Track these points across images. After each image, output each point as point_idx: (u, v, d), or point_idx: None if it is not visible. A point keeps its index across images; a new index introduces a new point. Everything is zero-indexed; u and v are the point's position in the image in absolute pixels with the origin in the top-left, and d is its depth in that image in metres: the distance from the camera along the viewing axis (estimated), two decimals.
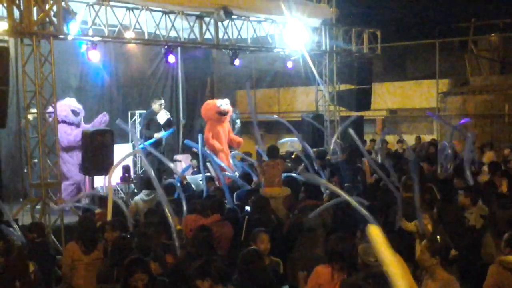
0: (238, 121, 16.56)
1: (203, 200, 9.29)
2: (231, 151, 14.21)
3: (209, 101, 15.28)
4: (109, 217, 7.95)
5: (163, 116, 14.68)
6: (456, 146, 14.19)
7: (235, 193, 10.31)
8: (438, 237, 5.68)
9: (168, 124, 14.96)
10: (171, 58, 12.88)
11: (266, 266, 6.13)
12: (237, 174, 12.10)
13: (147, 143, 13.32)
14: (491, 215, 7.82)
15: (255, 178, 11.25)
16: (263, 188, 10.46)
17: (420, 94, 20.48)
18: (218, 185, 11.06)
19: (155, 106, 14.89)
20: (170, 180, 10.67)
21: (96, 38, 11.52)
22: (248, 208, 9.12)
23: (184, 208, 9.02)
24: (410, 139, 18.51)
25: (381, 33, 17.55)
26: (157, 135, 14.43)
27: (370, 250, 4.85)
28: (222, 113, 14.45)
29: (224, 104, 14.50)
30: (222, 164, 12.34)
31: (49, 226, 10.02)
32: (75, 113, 13.27)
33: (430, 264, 5.41)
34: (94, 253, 7.12)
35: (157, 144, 14.41)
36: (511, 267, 5.53)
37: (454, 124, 14.12)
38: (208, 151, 12.40)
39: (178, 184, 9.84)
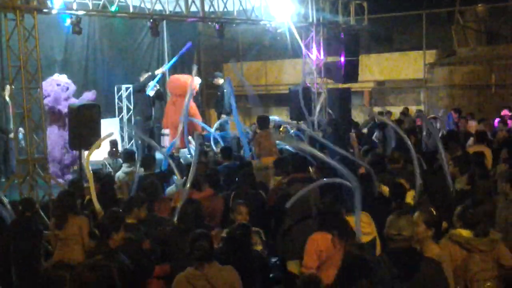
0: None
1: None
2: None
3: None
4: (92, 193, 7.85)
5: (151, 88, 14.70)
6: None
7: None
8: (431, 208, 5.63)
9: (158, 96, 15.01)
10: (157, 32, 12.78)
11: (250, 241, 6.20)
12: None
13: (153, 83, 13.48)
14: (472, 185, 7.87)
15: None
16: (260, 158, 10.47)
17: (407, 65, 20.47)
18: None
19: (143, 79, 14.85)
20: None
21: (81, 12, 11.38)
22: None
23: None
24: (398, 111, 18.57)
25: (368, 5, 17.47)
26: (158, 71, 14.53)
27: (394, 223, 4.80)
28: None
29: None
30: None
31: (37, 201, 10.00)
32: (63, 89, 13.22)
33: (425, 236, 5.28)
34: (67, 229, 7.12)
35: (146, 118, 14.40)
36: (460, 241, 5.40)
37: (441, 95, 14.13)
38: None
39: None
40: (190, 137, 13.74)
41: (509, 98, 18.11)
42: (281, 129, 14.50)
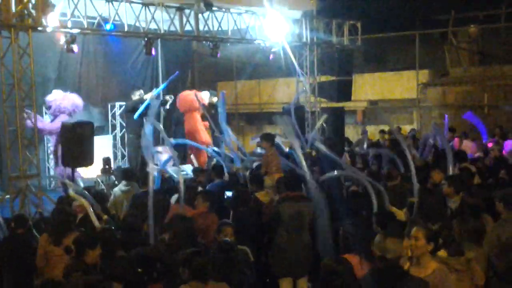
0: None
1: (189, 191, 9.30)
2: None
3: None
4: (89, 210, 7.87)
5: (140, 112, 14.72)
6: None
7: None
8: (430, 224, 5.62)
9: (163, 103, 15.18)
10: (152, 51, 12.81)
11: (236, 257, 6.22)
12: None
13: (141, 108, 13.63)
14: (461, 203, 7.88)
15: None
16: (268, 175, 10.46)
17: (401, 85, 20.57)
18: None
19: (135, 97, 14.85)
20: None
21: (75, 30, 11.42)
22: None
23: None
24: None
25: (362, 25, 17.58)
26: (147, 96, 14.57)
27: (380, 243, 4.87)
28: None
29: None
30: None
31: (29, 218, 9.95)
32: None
33: (424, 251, 5.25)
34: (64, 245, 7.08)
35: (138, 136, 14.36)
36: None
37: (434, 115, 14.19)
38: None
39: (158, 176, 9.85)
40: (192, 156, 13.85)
41: (501, 119, 18.20)
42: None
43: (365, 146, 14.43)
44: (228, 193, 9.60)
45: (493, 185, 9.61)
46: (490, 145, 14.11)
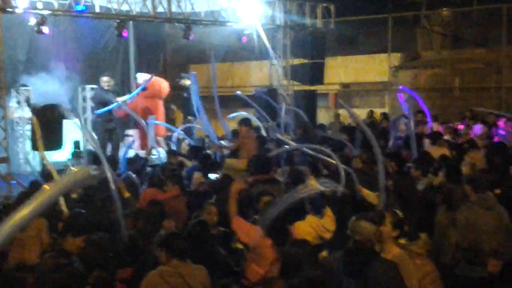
0: None
1: (161, 174, 9.29)
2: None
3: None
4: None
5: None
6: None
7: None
8: (396, 210, 5.69)
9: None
10: (123, 33, 12.68)
11: (211, 236, 6.31)
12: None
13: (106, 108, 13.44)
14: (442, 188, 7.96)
15: None
16: (240, 159, 10.42)
17: (373, 68, 20.66)
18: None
19: (102, 83, 14.61)
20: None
21: (46, 12, 11.25)
22: None
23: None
24: (362, 113, 18.69)
25: (335, 8, 17.58)
26: (119, 99, 14.26)
27: (353, 225, 5.00)
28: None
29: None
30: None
31: None
32: None
33: (390, 236, 5.33)
34: (26, 230, 7.01)
35: (107, 120, 14.23)
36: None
37: (405, 98, 14.25)
38: None
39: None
40: (160, 138, 13.72)
41: (472, 102, 18.37)
42: None
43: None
44: (211, 176, 9.57)
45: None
46: (460, 127, 14.27)
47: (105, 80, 14.40)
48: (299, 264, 4.66)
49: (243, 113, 14.37)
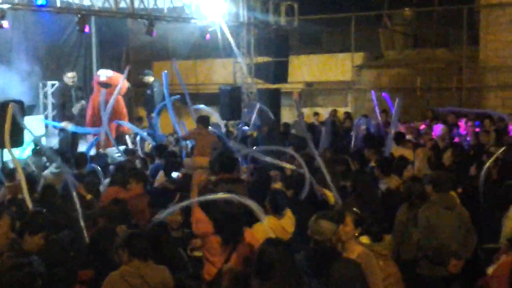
0: None
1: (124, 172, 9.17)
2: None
3: None
4: (25, 191, 7.64)
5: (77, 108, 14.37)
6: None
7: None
8: (355, 209, 5.70)
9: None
10: (85, 28, 12.50)
11: (170, 237, 6.30)
12: None
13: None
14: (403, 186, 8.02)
15: None
16: (193, 156, 10.36)
17: (336, 67, 20.72)
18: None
19: (67, 79, 14.43)
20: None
21: (6, 6, 11.04)
22: None
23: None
24: (325, 112, 18.76)
25: (298, 6, 17.62)
26: (65, 125, 14.08)
27: (313, 225, 5.02)
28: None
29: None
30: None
31: None
32: None
33: (351, 235, 5.32)
34: None
35: (68, 118, 14.07)
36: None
37: (368, 98, 14.40)
38: None
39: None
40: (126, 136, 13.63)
41: (433, 102, 18.59)
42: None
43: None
44: (174, 174, 9.50)
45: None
46: (422, 127, 14.42)
47: (69, 76, 14.25)
48: (273, 263, 4.60)
49: (206, 108, 14.38)
